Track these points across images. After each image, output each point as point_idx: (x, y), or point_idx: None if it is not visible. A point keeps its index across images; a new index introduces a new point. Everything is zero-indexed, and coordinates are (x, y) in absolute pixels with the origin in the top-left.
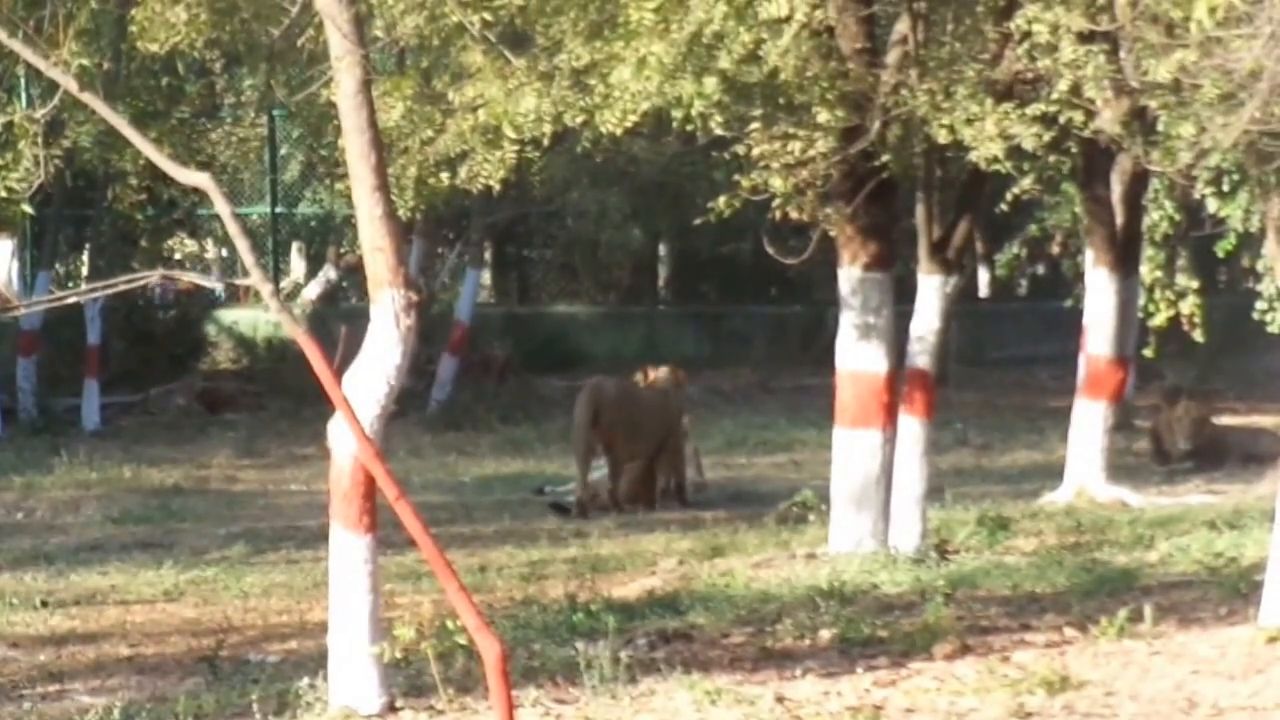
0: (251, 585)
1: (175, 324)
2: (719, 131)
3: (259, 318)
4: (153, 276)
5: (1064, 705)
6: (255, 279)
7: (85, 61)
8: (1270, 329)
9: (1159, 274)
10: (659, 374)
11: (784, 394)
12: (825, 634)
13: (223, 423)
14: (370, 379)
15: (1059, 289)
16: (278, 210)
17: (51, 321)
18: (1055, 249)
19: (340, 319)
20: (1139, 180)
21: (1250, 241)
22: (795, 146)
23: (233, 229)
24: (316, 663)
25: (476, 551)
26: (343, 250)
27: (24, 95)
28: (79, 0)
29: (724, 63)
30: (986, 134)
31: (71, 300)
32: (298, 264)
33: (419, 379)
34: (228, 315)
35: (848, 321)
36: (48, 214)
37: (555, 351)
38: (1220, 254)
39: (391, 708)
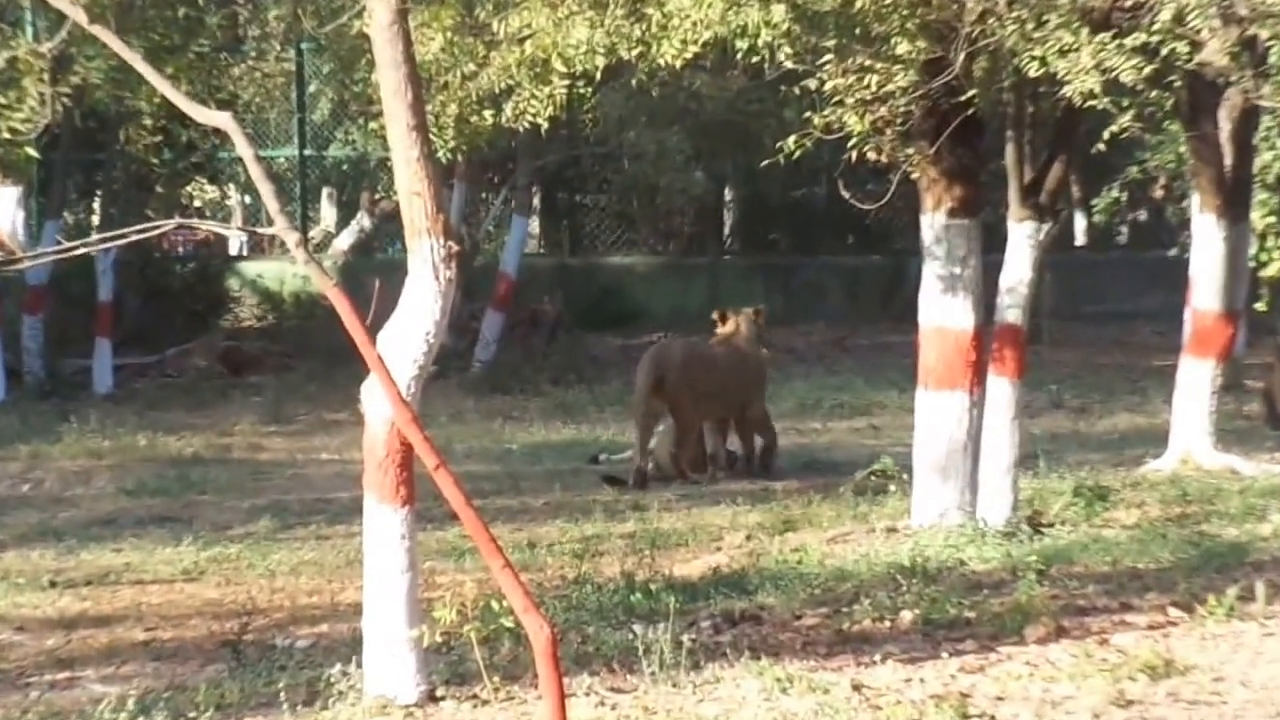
0: (278, 563)
1: (194, 278)
2: (789, 64)
3: (285, 270)
4: (169, 226)
5: (1168, 692)
6: (281, 228)
7: None
8: None
9: (1271, 220)
10: (739, 320)
11: (862, 352)
12: (907, 615)
13: (246, 386)
14: (407, 337)
15: (1162, 237)
16: (306, 153)
17: (60, 276)
18: (1158, 193)
19: (375, 271)
20: (1249, 118)
21: None
22: (872, 81)
23: (256, 173)
24: (350, 648)
25: (524, 526)
26: (377, 196)
27: (29, 28)
28: None
29: None
30: (1081, 66)
31: (81, 252)
32: (328, 211)
33: (461, 337)
34: (251, 268)
35: (931, 273)
36: (55, 158)
37: (611, 307)
38: None
39: (431, 697)
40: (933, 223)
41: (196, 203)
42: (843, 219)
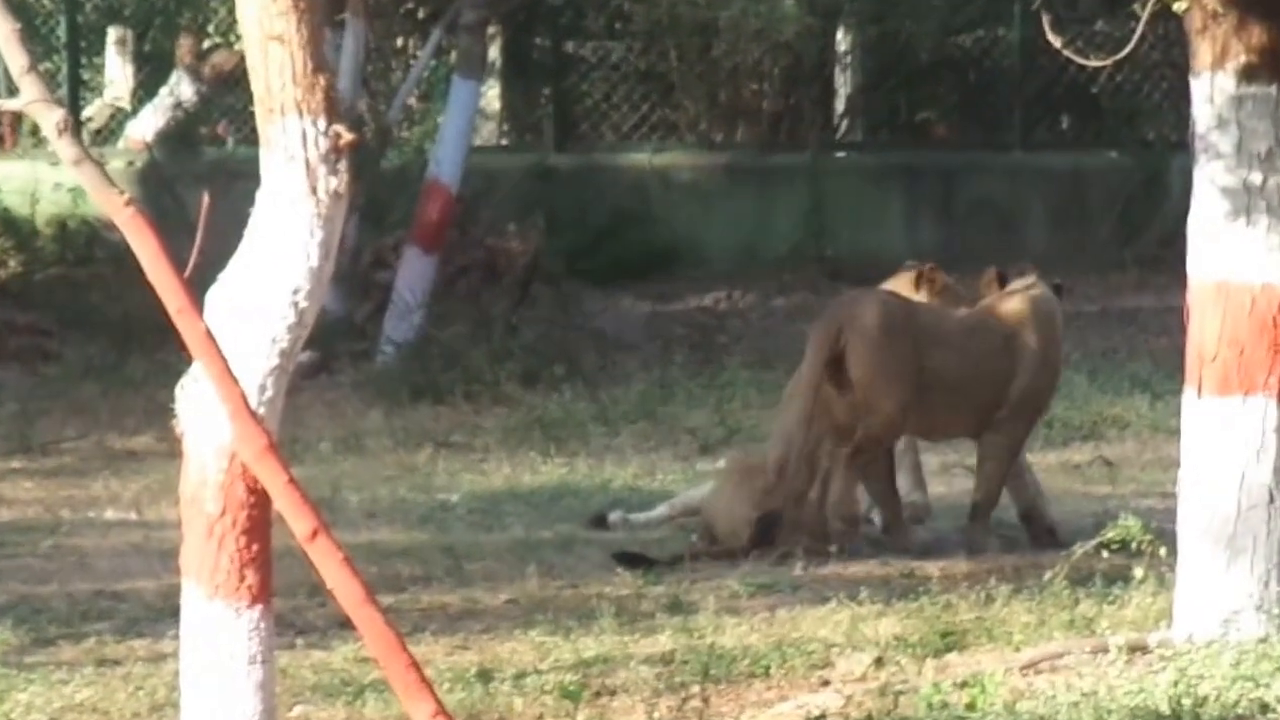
0: (27, 709)
1: None
2: None
3: (39, 178)
4: None
5: None
6: (31, 100)
7: None
8: None
9: None
10: (1029, 288)
11: (1086, 325)
12: None
13: None
14: (260, 298)
15: None
16: None
17: None
18: None
19: (202, 178)
20: None
21: None
22: None
23: None
24: None
25: (472, 640)
26: (205, 45)
27: None
28: None
29: None
30: None
31: None
32: (117, 71)
33: (360, 300)
34: None
35: (1209, 182)
36: None
37: (629, 242)
38: None
39: None
40: (1211, 92)
41: None
42: (1049, 88)
